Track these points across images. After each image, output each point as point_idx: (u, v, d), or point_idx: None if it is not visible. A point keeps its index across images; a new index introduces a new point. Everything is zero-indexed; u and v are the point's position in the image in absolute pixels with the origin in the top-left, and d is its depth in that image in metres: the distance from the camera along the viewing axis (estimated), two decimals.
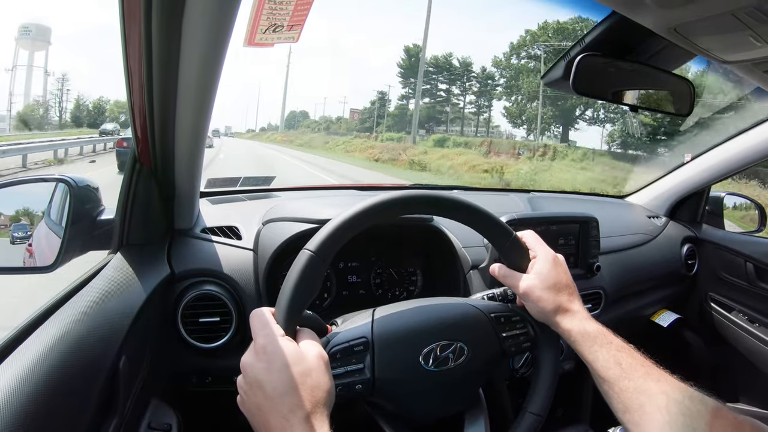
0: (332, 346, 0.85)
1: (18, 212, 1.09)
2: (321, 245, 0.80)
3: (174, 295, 1.21)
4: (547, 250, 0.98)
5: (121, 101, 55.62)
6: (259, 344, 0.74)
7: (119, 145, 16.90)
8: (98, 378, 0.80)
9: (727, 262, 2.23)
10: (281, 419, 0.68)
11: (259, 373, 0.72)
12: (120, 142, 17.66)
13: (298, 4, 0.74)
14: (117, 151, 16.52)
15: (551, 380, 0.96)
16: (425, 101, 44.72)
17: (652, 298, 2.15)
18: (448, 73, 43.37)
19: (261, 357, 0.73)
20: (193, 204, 1.32)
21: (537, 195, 2.28)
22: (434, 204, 0.93)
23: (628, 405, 0.81)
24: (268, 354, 0.72)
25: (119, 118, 53.71)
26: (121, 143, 16.80)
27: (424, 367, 0.88)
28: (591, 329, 0.89)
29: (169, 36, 0.77)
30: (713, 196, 2.39)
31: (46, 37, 61.43)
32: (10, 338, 0.72)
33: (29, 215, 1.10)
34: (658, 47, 1.04)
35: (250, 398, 0.73)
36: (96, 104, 57.60)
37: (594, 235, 1.72)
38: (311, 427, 0.68)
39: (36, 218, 1.11)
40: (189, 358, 1.23)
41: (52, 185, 1.12)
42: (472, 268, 1.50)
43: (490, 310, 0.97)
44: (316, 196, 1.93)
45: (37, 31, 60.85)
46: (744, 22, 0.72)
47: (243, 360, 0.75)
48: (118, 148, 16.91)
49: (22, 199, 1.12)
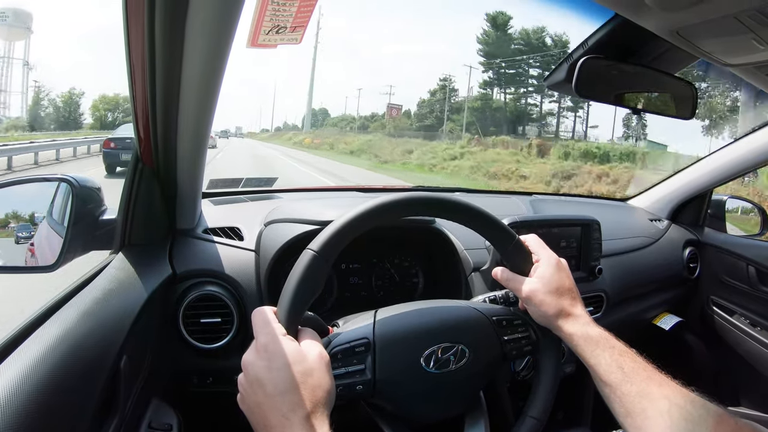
0: (333, 346, 0.85)
1: (7, 215, 1.09)
2: (324, 245, 0.80)
3: (175, 295, 1.22)
4: (551, 254, 0.98)
5: (108, 96, 50.40)
6: (260, 342, 0.74)
7: (106, 146, 15.34)
8: (99, 377, 0.80)
9: (729, 265, 2.23)
10: (281, 418, 0.68)
11: (259, 372, 0.72)
12: (107, 142, 15.64)
13: (301, 5, 0.74)
14: (104, 153, 15.28)
15: (552, 385, 0.96)
16: (509, 90, 36.84)
17: (653, 301, 2.14)
18: (538, 55, 34.65)
19: (262, 355, 0.73)
20: (195, 204, 1.32)
21: (539, 198, 2.28)
22: (437, 206, 0.93)
23: (630, 409, 0.81)
24: (269, 352, 0.72)
25: (106, 116, 48.23)
26: (108, 144, 15.26)
27: (425, 368, 0.88)
28: (593, 333, 0.89)
29: (172, 36, 0.78)
30: (715, 200, 2.39)
31: (26, 23, 54.69)
32: (12, 337, 0.73)
33: (17, 218, 1.10)
34: (660, 50, 1.04)
35: (250, 396, 0.73)
36: (66, 99, 50.78)
37: (596, 238, 1.72)
38: (311, 426, 0.68)
39: (22, 220, 1.11)
40: (190, 359, 1.23)
41: (54, 185, 1.13)
42: (474, 271, 1.50)
43: (492, 313, 0.97)
44: (318, 198, 1.93)
45: (15, 17, 53.79)
46: (746, 25, 0.72)
47: (244, 358, 0.75)
48: (105, 149, 15.43)
49: (24, 199, 1.12)
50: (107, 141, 15.73)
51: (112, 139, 15.53)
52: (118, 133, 16.71)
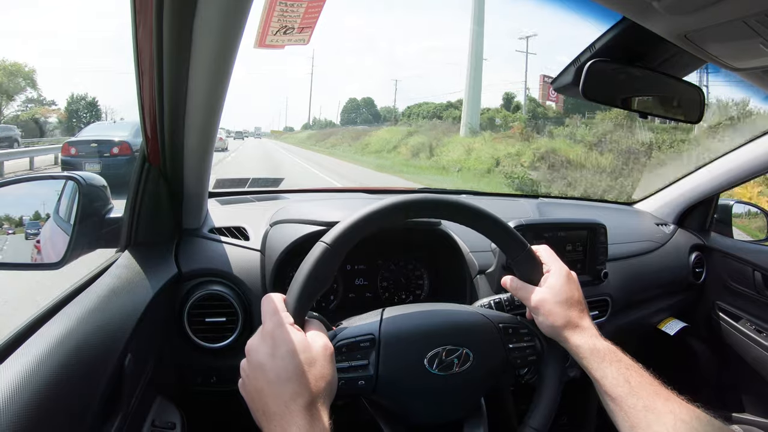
0: (339, 339, 0.86)
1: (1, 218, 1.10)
2: (337, 239, 0.81)
3: (181, 294, 1.22)
4: (561, 265, 0.98)
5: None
6: (266, 329, 0.74)
7: (65, 153, 11.90)
8: (103, 375, 0.80)
9: (735, 270, 2.21)
10: (281, 405, 0.68)
11: (263, 358, 0.72)
12: (66, 147, 12.12)
13: (309, 6, 0.74)
14: (62, 161, 12.09)
15: (554, 396, 0.96)
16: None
17: (659, 305, 2.13)
18: None
19: (267, 341, 0.73)
20: (202, 204, 1.32)
21: (545, 201, 2.28)
22: (450, 209, 0.94)
23: (635, 423, 0.81)
24: (274, 339, 0.73)
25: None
26: (68, 150, 11.88)
27: (429, 369, 0.88)
28: (601, 346, 0.89)
29: (180, 37, 0.78)
30: (722, 204, 2.38)
31: None
32: (16, 334, 0.73)
33: (9, 220, 1.10)
34: (668, 54, 1.04)
35: (251, 382, 0.73)
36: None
37: (602, 242, 1.71)
38: (311, 415, 0.68)
39: (15, 223, 1.11)
40: (194, 358, 1.24)
41: (61, 182, 1.13)
42: (479, 273, 1.49)
43: (499, 320, 0.97)
44: (323, 199, 1.94)
45: None
46: (755, 29, 0.72)
47: (249, 343, 0.75)
48: (63, 156, 11.99)
49: (30, 197, 1.13)
50: (66, 146, 12.24)
51: (74, 143, 12.25)
52: (83, 134, 13.35)
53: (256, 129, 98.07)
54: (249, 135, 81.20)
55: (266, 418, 0.70)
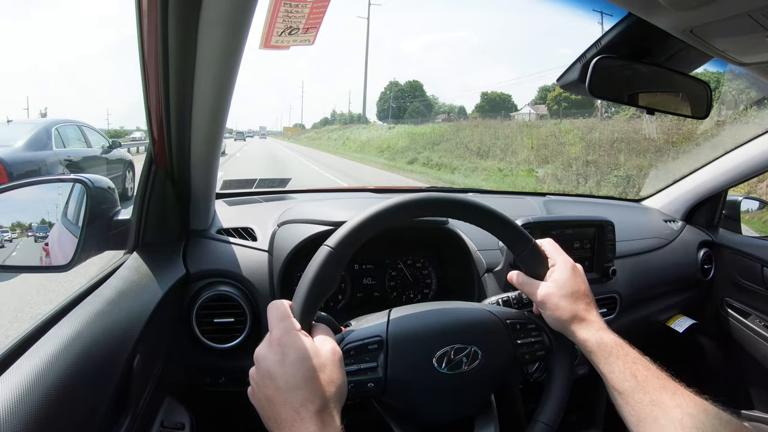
0: (347, 342, 0.85)
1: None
2: (341, 242, 0.81)
3: (189, 295, 1.22)
4: (566, 258, 0.98)
5: None
6: (274, 336, 0.74)
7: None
8: (112, 376, 0.80)
9: (743, 267, 2.20)
10: (292, 412, 0.68)
11: (272, 365, 0.72)
12: None
13: (313, 6, 0.74)
14: None
15: (564, 390, 0.96)
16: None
17: (667, 302, 2.12)
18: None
19: (275, 349, 0.73)
20: (209, 205, 1.33)
21: (553, 198, 2.27)
22: (454, 207, 0.93)
23: (642, 417, 0.80)
24: (282, 346, 0.72)
25: None
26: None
27: (438, 369, 0.88)
28: (608, 340, 0.88)
29: (185, 38, 0.78)
30: (730, 200, 2.37)
31: None
32: (26, 336, 0.73)
33: (21, 226, 1.11)
34: (674, 49, 1.04)
35: (261, 390, 0.73)
36: None
37: (610, 239, 1.70)
38: (322, 421, 0.68)
39: (24, 228, 1.11)
40: (203, 358, 1.24)
41: (69, 185, 1.14)
42: (487, 271, 1.49)
43: (506, 317, 0.97)
44: (331, 198, 1.94)
45: None
46: (761, 23, 0.72)
47: (257, 351, 0.75)
48: None
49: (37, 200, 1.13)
50: None
51: None
52: None
53: (261, 128, 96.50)
54: (254, 134, 79.68)
55: (278, 425, 0.69)
